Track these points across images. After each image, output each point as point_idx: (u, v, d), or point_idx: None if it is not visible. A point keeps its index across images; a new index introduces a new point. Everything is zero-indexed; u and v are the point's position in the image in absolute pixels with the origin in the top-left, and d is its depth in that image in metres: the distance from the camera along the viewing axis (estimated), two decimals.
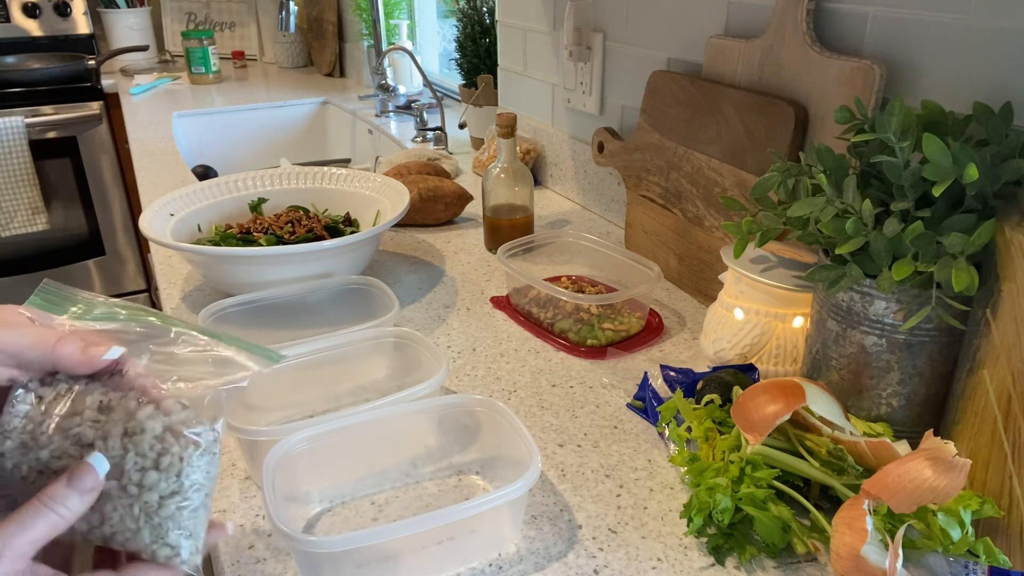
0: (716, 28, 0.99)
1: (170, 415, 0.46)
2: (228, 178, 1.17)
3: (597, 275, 1.05)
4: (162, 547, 0.45)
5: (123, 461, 0.45)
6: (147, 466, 0.45)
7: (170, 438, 0.45)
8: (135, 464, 0.45)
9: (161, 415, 0.46)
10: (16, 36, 2.79)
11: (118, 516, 0.44)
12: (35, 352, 0.46)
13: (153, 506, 0.45)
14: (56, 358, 0.46)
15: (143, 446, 0.45)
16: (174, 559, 0.45)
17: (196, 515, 0.46)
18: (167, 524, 0.45)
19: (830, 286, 0.63)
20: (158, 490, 0.45)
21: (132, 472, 0.44)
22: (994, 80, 0.66)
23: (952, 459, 0.51)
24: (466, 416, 0.69)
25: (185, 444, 0.46)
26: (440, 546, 0.58)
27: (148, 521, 0.45)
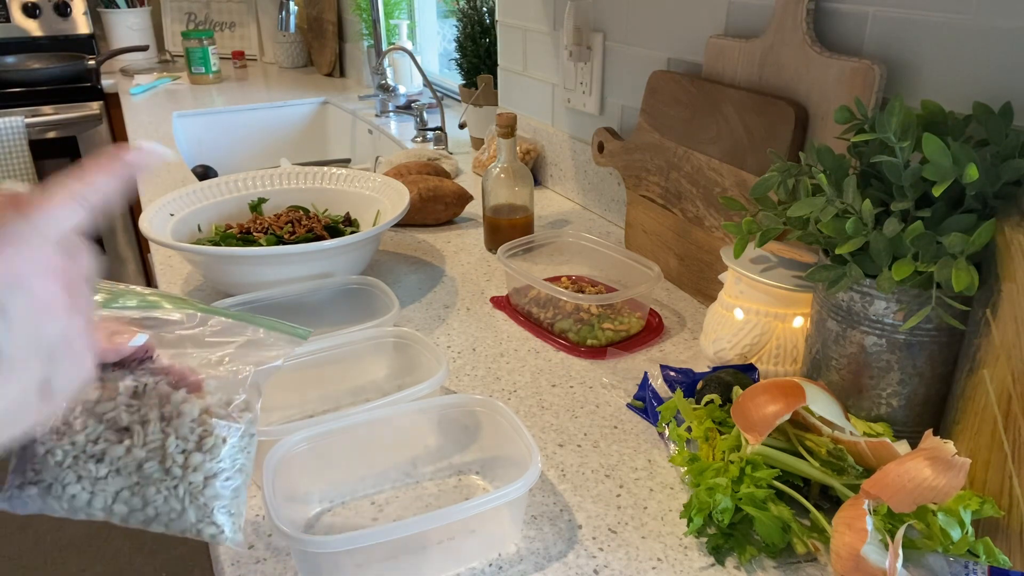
0: (716, 28, 0.99)
1: (206, 398, 0.47)
2: (228, 178, 1.17)
3: (597, 275, 1.05)
4: (208, 526, 0.46)
5: (165, 444, 0.45)
6: (189, 448, 0.46)
7: (209, 420, 0.46)
8: (177, 447, 0.45)
9: (197, 398, 0.47)
10: (16, 36, 2.79)
11: (162, 498, 0.45)
12: None
13: (198, 486, 0.45)
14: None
15: (183, 429, 0.46)
16: (219, 536, 0.46)
17: (238, 494, 0.47)
18: (212, 503, 0.46)
19: (830, 286, 0.63)
20: (203, 471, 0.46)
21: (175, 455, 0.45)
22: (994, 80, 0.66)
23: (951, 458, 0.51)
24: (466, 416, 0.69)
25: (225, 425, 0.47)
26: (440, 546, 0.58)
27: (193, 501, 0.45)
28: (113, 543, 1.97)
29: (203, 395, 0.47)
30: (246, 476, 0.48)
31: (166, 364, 0.48)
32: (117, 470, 0.45)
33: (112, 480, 0.45)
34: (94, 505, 0.45)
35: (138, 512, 0.45)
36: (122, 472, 0.45)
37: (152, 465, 0.45)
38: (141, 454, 0.45)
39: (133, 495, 0.45)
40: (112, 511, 0.45)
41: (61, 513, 0.45)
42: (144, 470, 0.45)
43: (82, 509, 0.45)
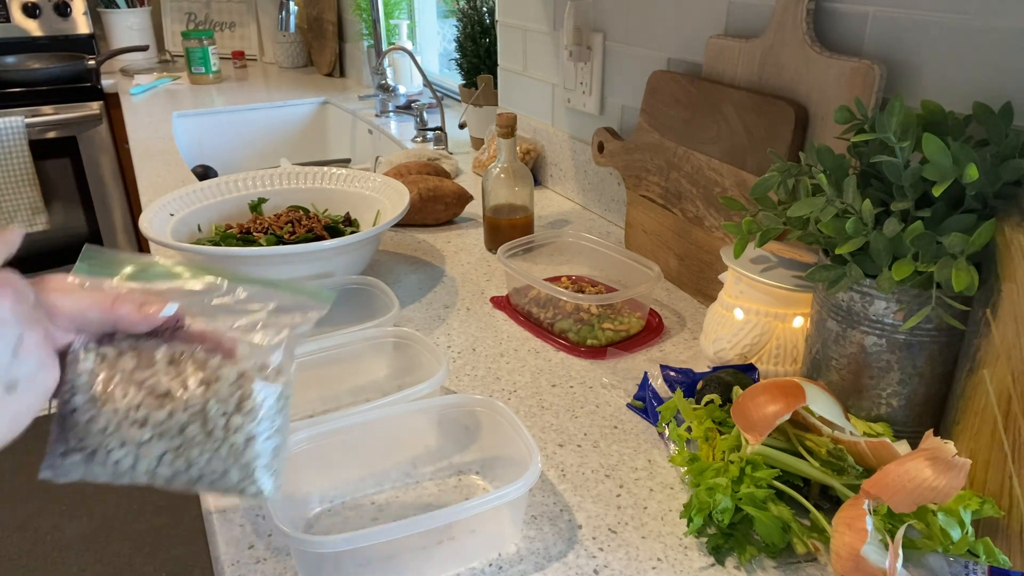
0: (716, 28, 0.99)
1: (241, 363, 0.48)
2: (228, 178, 1.17)
3: (597, 275, 1.05)
4: (250, 484, 0.47)
5: (206, 408, 0.46)
6: (230, 411, 0.47)
7: (247, 384, 0.48)
8: (218, 410, 0.47)
9: (233, 363, 0.48)
10: (16, 36, 2.79)
11: (205, 459, 0.46)
12: (94, 313, 0.47)
13: (240, 447, 0.47)
14: (115, 317, 0.47)
15: (223, 392, 0.47)
16: (261, 495, 0.48)
17: (278, 453, 0.49)
18: (254, 463, 0.47)
19: (830, 286, 0.63)
20: (243, 432, 0.47)
21: (216, 417, 0.46)
22: (994, 80, 0.66)
23: (952, 459, 0.51)
24: (466, 416, 0.69)
25: (263, 387, 0.48)
26: (440, 546, 0.58)
27: (236, 462, 0.47)
28: (112, 544, 1.97)
29: (237, 360, 0.48)
30: (284, 436, 0.50)
31: (199, 331, 0.49)
32: (160, 434, 0.46)
33: (155, 444, 0.46)
34: (138, 469, 0.46)
35: (182, 474, 0.47)
36: (164, 436, 0.46)
37: (194, 428, 0.46)
38: (183, 418, 0.46)
39: (177, 457, 0.46)
40: (156, 474, 0.46)
41: (104, 478, 0.46)
42: (187, 433, 0.46)
43: (126, 474, 0.46)
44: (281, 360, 0.50)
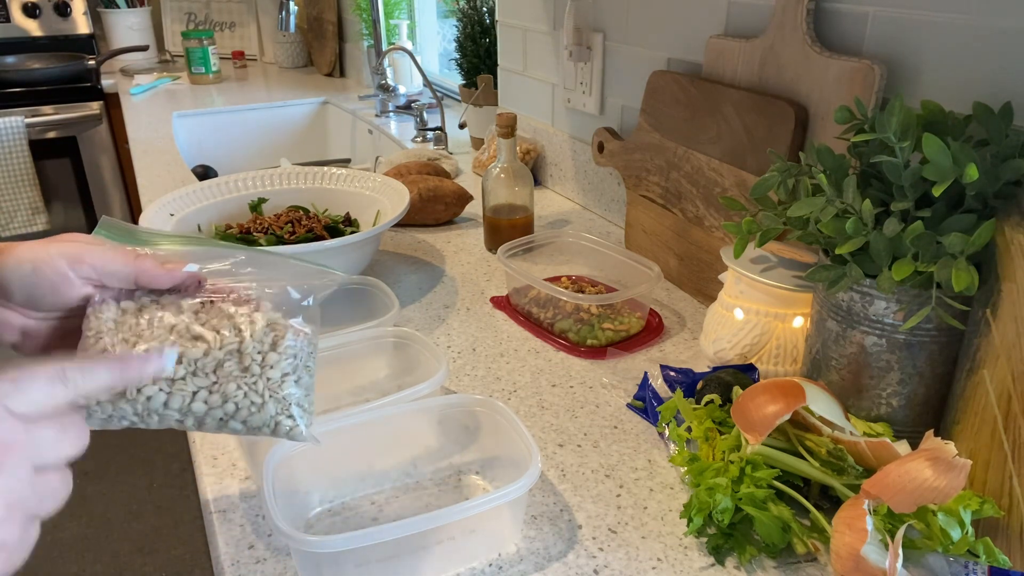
0: (716, 28, 0.99)
1: (269, 313, 0.50)
2: (228, 178, 1.17)
3: (597, 275, 1.05)
4: (286, 419, 0.49)
5: (242, 346, 0.48)
6: (265, 349, 0.49)
7: (280, 328, 0.50)
8: (255, 348, 0.48)
9: (262, 313, 0.50)
10: (16, 36, 2.79)
11: (242, 394, 0.48)
12: (118, 265, 0.48)
13: (276, 382, 0.48)
14: (138, 270, 0.48)
15: (258, 334, 0.49)
16: (295, 429, 0.49)
17: (310, 394, 0.51)
18: (289, 399, 0.49)
19: (830, 286, 0.63)
20: (279, 368, 0.49)
21: (253, 354, 0.48)
22: (994, 80, 0.66)
23: (952, 459, 0.51)
24: (466, 416, 0.69)
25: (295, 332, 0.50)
26: (440, 546, 0.58)
27: (273, 396, 0.48)
28: (112, 544, 1.97)
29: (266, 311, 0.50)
30: (313, 379, 0.51)
31: (223, 287, 0.51)
32: (194, 372, 0.47)
33: (190, 381, 0.47)
34: (171, 405, 0.47)
35: (216, 409, 0.47)
36: (199, 373, 0.47)
37: (231, 364, 0.48)
38: (219, 355, 0.48)
39: (212, 393, 0.47)
40: (190, 410, 0.47)
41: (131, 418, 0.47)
42: (224, 368, 0.47)
43: (156, 411, 0.47)
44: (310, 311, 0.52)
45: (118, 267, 0.48)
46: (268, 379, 0.48)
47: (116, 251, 0.48)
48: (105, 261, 0.47)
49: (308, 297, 0.52)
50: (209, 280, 0.51)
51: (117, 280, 0.48)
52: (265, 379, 0.48)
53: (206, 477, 0.69)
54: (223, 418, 0.48)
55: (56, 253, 0.46)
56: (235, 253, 0.53)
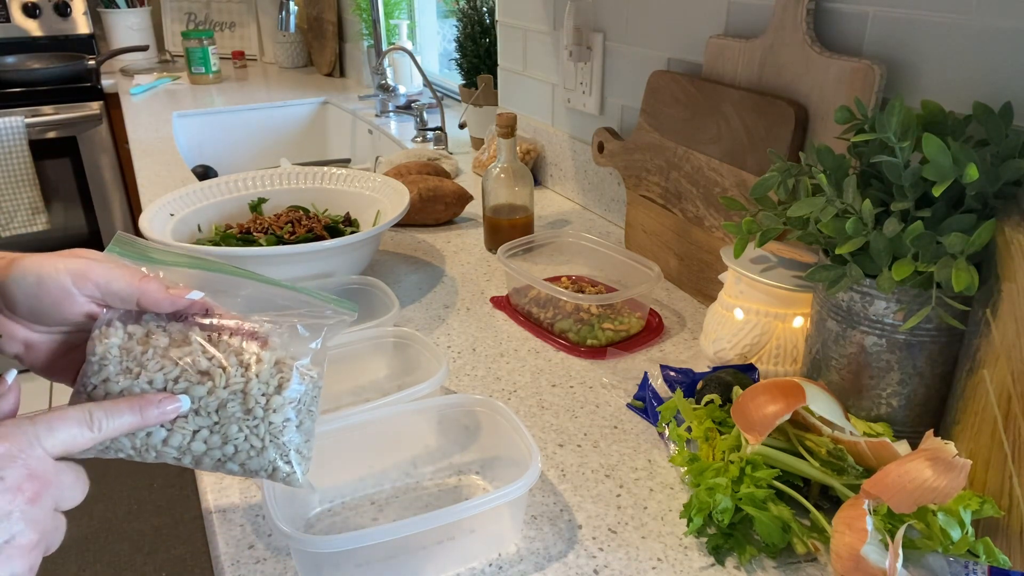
0: (716, 28, 0.99)
1: (277, 351, 0.49)
2: (228, 178, 1.17)
3: (597, 275, 1.05)
4: (284, 464, 0.48)
5: (247, 386, 0.47)
6: (270, 392, 0.48)
7: (287, 370, 0.49)
8: (259, 390, 0.47)
9: (272, 350, 0.49)
10: (16, 36, 2.79)
11: (243, 437, 0.47)
12: (122, 284, 0.47)
13: (278, 427, 0.48)
14: (141, 292, 0.47)
15: (264, 375, 0.48)
16: (292, 476, 0.49)
17: (310, 440, 0.50)
18: (289, 444, 0.48)
19: (830, 286, 0.63)
20: (282, 413, 0.48)
21: (257, 396, 0.47)
22: (994, 80, 0.66)
23: (952, 459, 0.51)
24: (466, 416, 0.69)
25: (301, 375, 0.49)
26: (440, 546, 0.58)
27: (273, 440, 0.48)
28: (112, 544, 1.97)
29: (275, 348, 0.49)
30: (314, 424, 0.51)
31: (230, 320, 0.50)
32: (197, 410, 0.47)
33: (192, 419, 0.47)
34: (170, 443, 0.46)
35: (215, 450, 0.47)
36: (202, 412, 0.47)
37: (235, 405, 0.47)
38: (224, 395, 0.47)
39: (212, 434, 0.47)
40: (188, 449, 0.47)
41: (128, 451, 0.46)
42: (227, 409, 0.47)
43: (154, 447, 0.46)
44: (318, 352, 0.51)
45: (121, 287, 0.47)
46: (270, 423, 0.47)
47: (121, 270, 0.47)
48: (109, 280, 0.47)
49: (317, 338, 0.51)
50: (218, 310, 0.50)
51: (119, 300, 0.47)
52: (267, 423, 0.47)
53: (206, 477, 0.69)
54: (221, 459, 0.47)
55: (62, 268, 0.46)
56: (247, 282, 0.52)
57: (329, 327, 0.52)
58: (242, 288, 0.52)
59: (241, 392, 0.47)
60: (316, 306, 0.52)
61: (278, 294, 0.52)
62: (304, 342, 0.50)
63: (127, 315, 0.48)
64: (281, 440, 0.48)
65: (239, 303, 0.51)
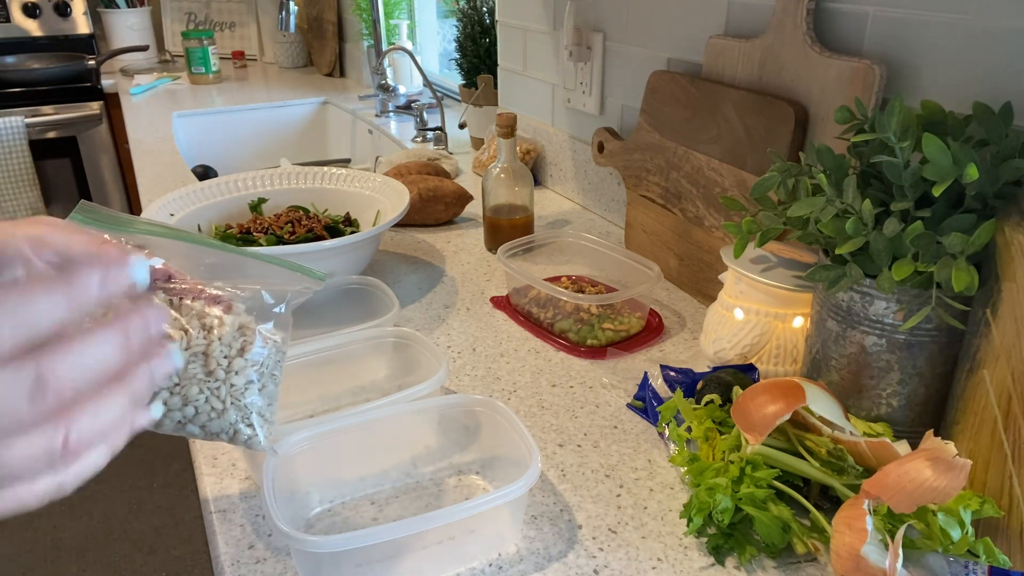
0: (716, 28, 0.99)
1: (241, 315, 0.49)
2: (228, 178, 1.17)
3: (597, 275, 1.05)
4: (246, 427, 0.48)
5: (210, 348, 0.47)
6: (232, 354, 0.48)
7: (250, 333, 0.49)
8: (221, 352, 0.47)
9: (233, 315, 0.49)
10: (16, 36, 2.79)
11: (203, 399, 0.47)
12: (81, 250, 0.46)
13: (240, 389, 0.48)
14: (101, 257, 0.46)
15: (227, 337, 0.48)
16: (254, 439, 0.49)
17: (273, 404, 0.50)
18: (251, 407, 0.48)
19: (830, 286, 0.63)
20: (244, 375, 0.48)
21: (219, 358, 0.47)
22: (994, 80, 0.66)
23: (952, 459, 0.51)
24: (466, 416, 0.69)
25: (264, 339, 0.49)
26: (440, 546, 0.58)
27: (235, 403, 0.48)
28: (112, 544, 1.97)
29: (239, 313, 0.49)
30: (277, 388, 0.51)
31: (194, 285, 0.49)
32: None
33: None
34: None
35: (176, 412, 0.47)
36: None
37: (196, 367, 0.47)
38: (185, 356, 0.47)
39: (173, 395, 0.46)
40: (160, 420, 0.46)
41: None
42: (187, 371, 0.46)
43: None
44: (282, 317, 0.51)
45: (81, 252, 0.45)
46: (232, 385, 0.47)
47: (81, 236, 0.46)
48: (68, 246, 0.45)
49: (281, 303, 0.51)
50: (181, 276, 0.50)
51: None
52: (229, 385, 0.47)
53: (206, 477, 0.69)
54: (181, 421, 0.47)
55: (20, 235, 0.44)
56: (213, 251, 0.52)
57: (294, 292, 0.52)
58: (207, 256, 0.52)
59: (203, 354, 0.47)
60: (282, 274, 0.53)
61: (244, 263, 0.52)
62: (268, 308, 0.51)
63: None
64: (243, 402, 0.48)
65: (204, 271, 0.51)
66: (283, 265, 0.53)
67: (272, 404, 0.50)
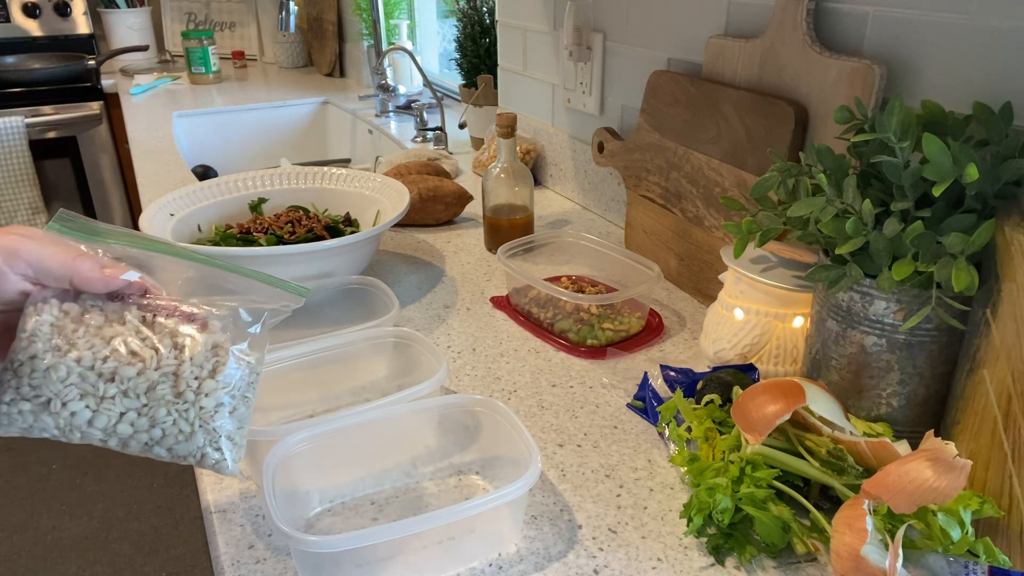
0: (716, 28, 0.99)
1: (215, 334, 0.48)
2: (228, 178, 1.17)
3: (597, 275, 1.05)
4: (213, 451, 0.47)
5: (180, 369, 0.46)
6: (203, 376, 0.47)
7: (223, 353, 0.48)
8: (192, 373, 0.46)
9: (208, 333, 0.48)
10: (16, 36, 2.79)
11: (171, 420, 0.46)
12: (54, 263, 0.45)
13: (209, 412, 0.47)
14: (74, 271, 0.46)
15: (199, 358, 0.47)
16: (222, 463, 0.48)
17: (243, 427, 0.49)
18: (220, 430, 0.47)
19: (830, 286, 0.63)
20: (214, 398, 0.47)
21: (190, 379, 0.46)
22: (994, 80, 0.66)
23: (953, 460, 0.51)
24: (466, 416, 0.69)
25: (237, 360, 0.48)
26: (440, 546, 0.58)
27: (203, 426, 0.47)
28: (112, 544, 1.97)
29: (213, 331, 0.48)
30: (249, 411, 0.50)
31: (169, 302, 0.49)
32: (125, 392, 0.45)
33: (120, 401, 0.45)
34: (95, 424, 0.45)
35: (143, 433, 0.46)
36: (130, 394, 0.46)
37: (165, 388, 0.46)
38: (155, 376, 0.46)
39: (140, 416, 0.46)
40: (115, 431, 0.46)
41: (52, 431, 0.45)
42: (156, 392, 0.46)
43: (79, 428, 0.45)
44: (257, 337, 0.50)
45: (54, 266, 0.45)
46: (201, 408, 0.47)
47: (55, 248, 0.46)
48: (41, 258, 0.45)
49: (258, 322, 0.50)
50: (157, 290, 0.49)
51: (52, 279, 0.46)
52: (198, 408, 0.47)
53: (206, 477, 0.69)
54: (148, 443, 0.46)
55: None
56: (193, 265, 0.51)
57: (271, 311, 0.51)
58: (187, 270, 0.51)
59: (173, 375, 0.46)
60: (263, 290, 0.52)
61: (225, 278, 0.51)
62: (244, 326, 0.50)
63: (64, 294, 0.47)
64: (211, 426, 0.47)
65: (182, 286, 0.50)
66: (265, 280, 0.52)
67: (243, 427, 0.49)
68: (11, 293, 0.46)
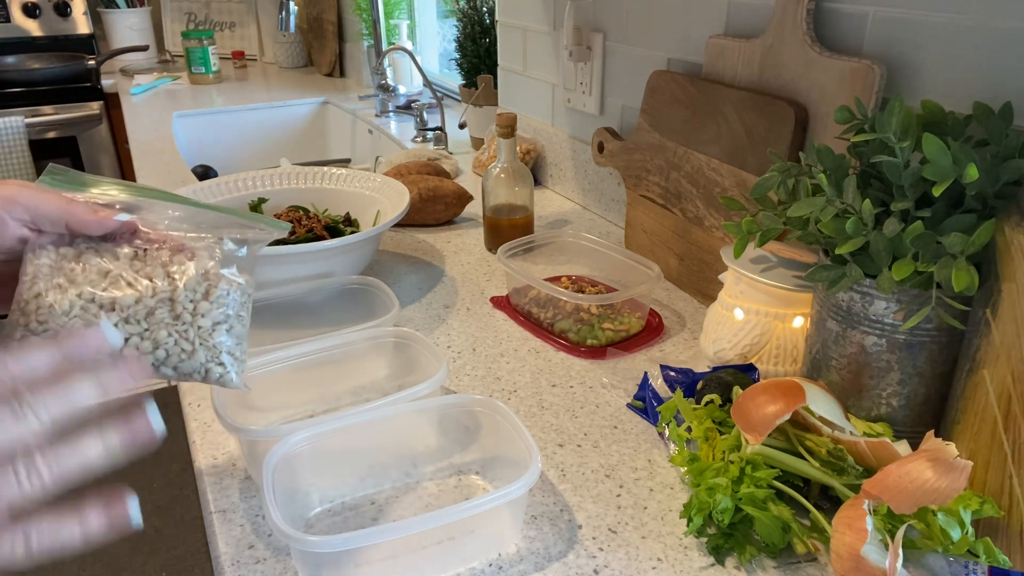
0: (716, 28, 0.99)
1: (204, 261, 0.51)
2: (228, 178, 1.17)
3: (597, 275, 1.05)
4: (216, 366, 0.50)
5: (174, 295, 0.49)
6: (197, 298, 0.50)
7: (214, 277, 0.51)
8: (186, 296, 0.50)
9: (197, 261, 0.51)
10: (16, 36, 2.79)
11: (172, 341, 0.49)
12: (51, 207, 0.48)
13: (207, 330, 0.50)
14: (69, 214, 0.49)
15: (191, 283, 0.50)
16: (226, 376, 0.51)
17: (242, 343, 0.52)
18: (220, 346, 0.50)
19: (830, 286, 0.63)
20: (211, 317, 0.50)
21: (185, 302, 0.49)
22: (994, 80, 0.66)
23: (953, 460, 0.51)
24: (466, 416, 0.69)
25: (228, 282, 0.51)
26: (440, 546, 0.58)
27: (203, 343, 0.50)
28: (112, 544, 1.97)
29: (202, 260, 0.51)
30: (245, 328, 0.53)
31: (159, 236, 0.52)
32: (126, 319, 0.48)
33: (122, 328, 0.48)
34: None
35: (147, 355, 0.48)
36: (131, 320, 0.48)
37: (163, 312, 0.49)
38: (151, 303, 0.49)
39: (143, 340, 0.48)
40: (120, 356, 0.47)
41: None
42: (155, 316, 0.49)
43: None
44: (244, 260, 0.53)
45: (50, 209, 0.48)
46: (199, 327, 0.50)
47: (50, 194, 0.49)
48: (38, 203, 0.48)
49: (242, 247, 0.54)
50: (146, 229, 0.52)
51: (49, 223, 0.49)
52: (196, 327, 0.49)
53: (206, 477, 0.69)
54: (154, 363, 0.49)
55: None
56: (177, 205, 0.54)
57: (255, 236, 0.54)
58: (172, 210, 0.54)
59: (169, 299, 0.49)
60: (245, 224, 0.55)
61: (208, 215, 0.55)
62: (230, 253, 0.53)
63: (60, 239, 0.50)
64: (211, 342, 0.50)
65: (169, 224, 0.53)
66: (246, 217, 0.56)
67: (241, 344, 0.52)
68: (10, 240, 0.48)
